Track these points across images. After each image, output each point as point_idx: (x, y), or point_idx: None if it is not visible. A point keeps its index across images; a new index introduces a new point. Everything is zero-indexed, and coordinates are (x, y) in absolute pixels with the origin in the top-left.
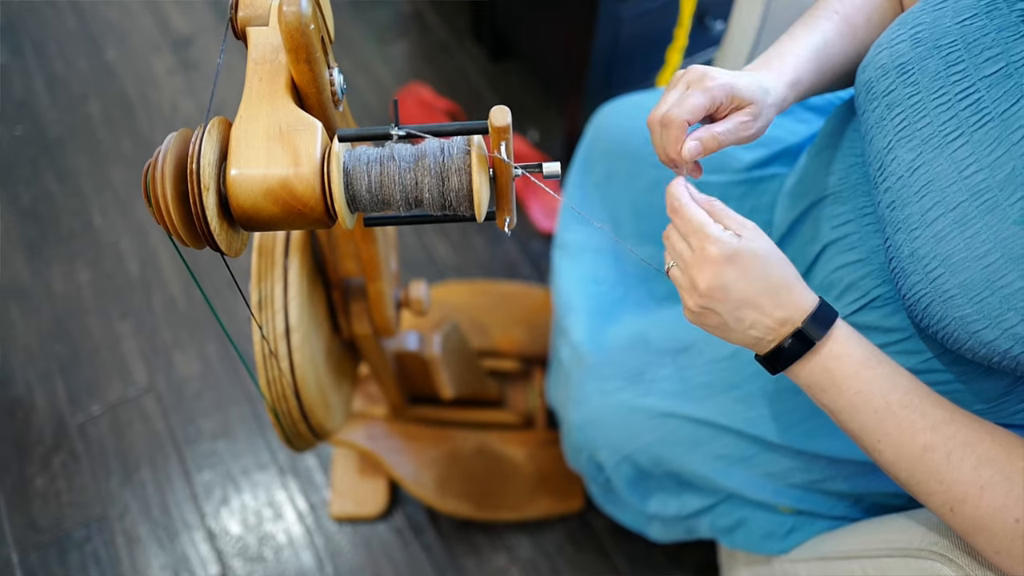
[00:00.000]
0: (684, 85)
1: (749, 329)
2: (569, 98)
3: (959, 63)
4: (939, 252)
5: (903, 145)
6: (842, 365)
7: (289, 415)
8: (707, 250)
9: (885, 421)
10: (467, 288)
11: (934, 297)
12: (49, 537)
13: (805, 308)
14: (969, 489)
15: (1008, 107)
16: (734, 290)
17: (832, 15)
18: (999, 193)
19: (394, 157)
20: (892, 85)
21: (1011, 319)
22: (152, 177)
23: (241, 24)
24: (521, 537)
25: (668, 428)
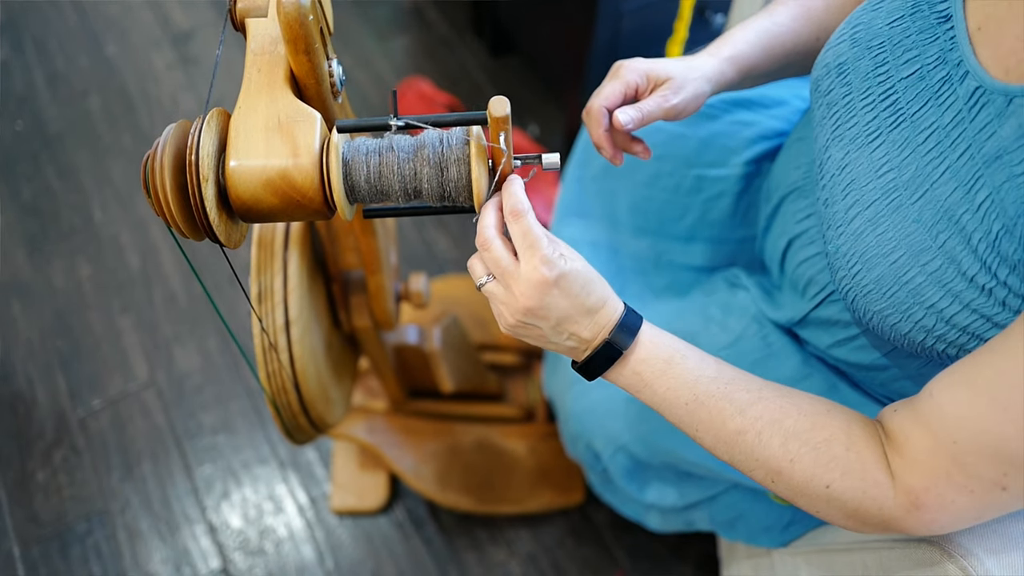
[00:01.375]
0: (609, 78)
1: (566, 340)
2: (569, 92)
3: (884, 64)
4: (857, 249)
5: (836, 144)
6: (650, 367)
7: (289, 408)
8: (538, 270)
9: (697, 412)
10: (467, 282)
11: (857, 292)
12: (51, 531)
13: (614, 318)
14: (782, 463)
15: (918, 108)
16: (556, 309)
17: (788, 0)
18: (904, 192)
19: (393, 148)
20: (832, 85)
21: (918, 312)
22: (151, 169)
23: (240, 15)
24: (521, 531)
25: (661, 420)
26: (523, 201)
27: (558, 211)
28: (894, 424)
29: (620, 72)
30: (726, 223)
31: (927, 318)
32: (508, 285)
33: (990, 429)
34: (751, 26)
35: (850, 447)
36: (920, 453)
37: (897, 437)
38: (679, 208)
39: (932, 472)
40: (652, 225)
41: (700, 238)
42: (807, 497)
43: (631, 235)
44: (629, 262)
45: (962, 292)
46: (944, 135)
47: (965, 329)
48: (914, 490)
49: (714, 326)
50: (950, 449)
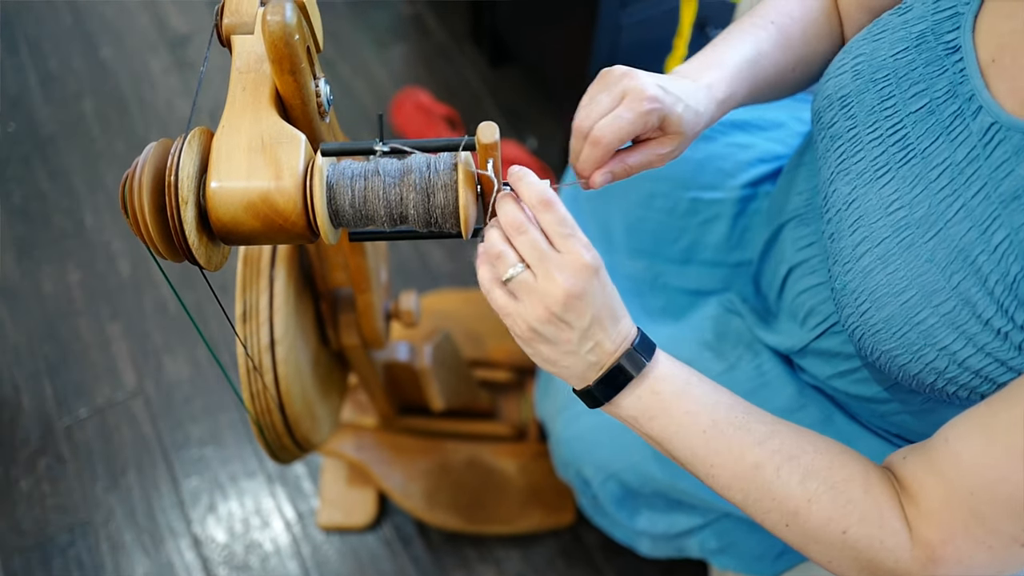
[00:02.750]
0: (618, 95)
1: (588, 353)
2: (568, 105)
3: (891, 98)
4: (866, 287)
5: (841, 178)
6: (670, 385)
7: (273, 428)
8: (583, 255)
9: (715, 440)
10: (461, 296)
11: (864, 331)
12: (32, 541)
13: (633, 332)
14: (799, 503)
15: (929, 144)
16: (593, 304)
17: (768, 25)
18: (916, 231)
19: (379, 172)
20: (835, 117)
21: (929, 354)
22: (129, 188)
23: (226, 32)
24: (511, 550)
25: (649, 450)
26: (548, 189)
27: None
28: (906, 471)
29: (640, 104)
30: (721, 246)
31: (938, 360)
32: (547, 271)
33: (1007, 478)
34: (740, 52)
35: (868, 490)
36: (935, 503)
37: (910, 485)
38: (674, 230)
39: (949, 524)
40: (647, 247)
41: (695, 261)
42: (821, 544)
43: (627, 256)
44: (625, 283)
45: (976, 335)
46: (958, 172)
47: (978, 373)
48: (931, 543)
49: (708, 353)
50: (967, 500)
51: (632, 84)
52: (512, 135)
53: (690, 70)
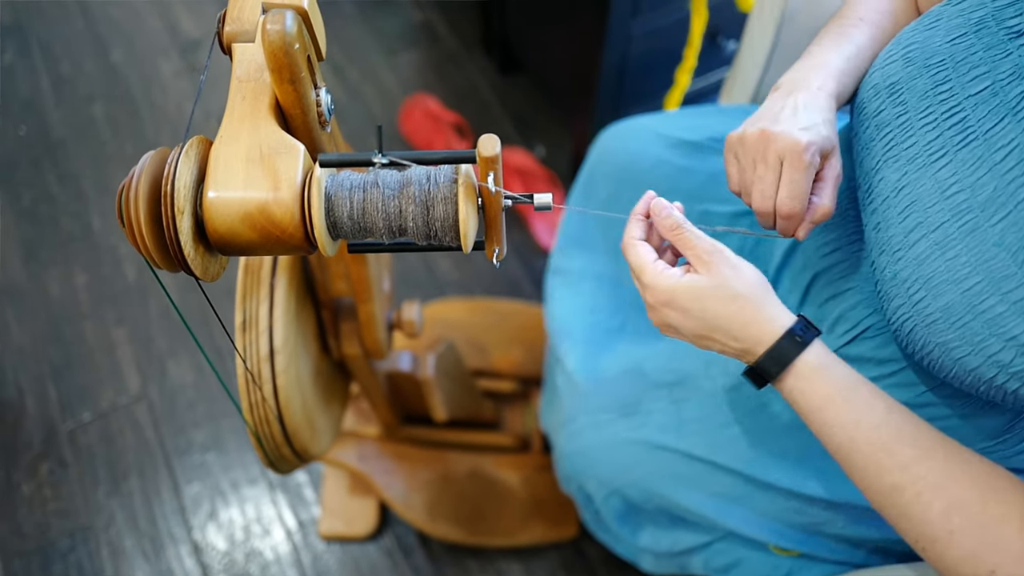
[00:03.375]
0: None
1: (721, 353)
2: (577, 114)
3: (947, 82)
4: (921, 275)
5: (890, 165)
6: (805, 399)
7: (272, 439)
8: (645, 297)
9: (851, 456)
10: (466, 305)
11: (917, 322)
12: (33, 545)
13: (764, 343)
14: (938, 532)
15: (992, 126)
16: (683, 328)
17: (859, 22)
18: (980, 214)
19: (378, 183)
20: (882, 105)
21: (993, 345)
22: (126, 198)
23: (227, 40)
24: (513, 563)
25: (661, 463)
26: (628, 232)
27: (561, 241)
28: None
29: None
30: None
31: (1004, 352)
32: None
33: None
34: (840, 56)
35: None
36: None
37: None
38: None
39: None
40: None
41: None
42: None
43: None
44: (632, 296)
45: None
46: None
47: None
48: None
49: (715, 368)
50: None
51: (782, 145)
52: (521, 143)
53: (798, 78)
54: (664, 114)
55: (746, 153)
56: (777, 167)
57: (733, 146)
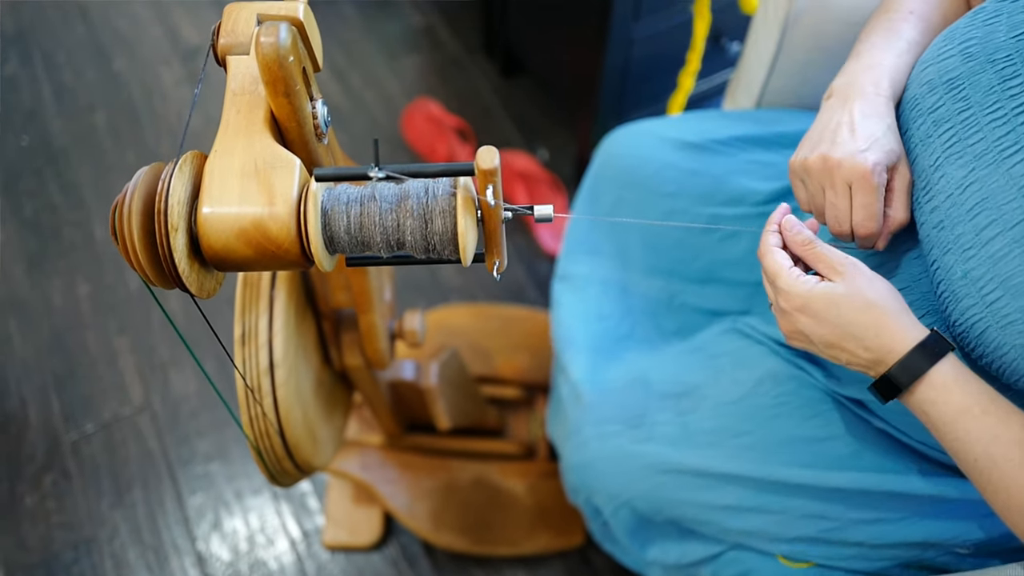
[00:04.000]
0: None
1: (848, 364)
2: (580, 117)
3: (1016, 77)
4: (997, 273)
5: (952, 162)
6: (938, 411)
7: (273, 453)
8: (779, 302)
9: (988, 471)
10: (470, 311)
11: (991, 323)
12: (37, 558)
13: (897, 351)
14: None
15: None
16: (814, 335)
17: (908, 16)
18: None
19: (375, 197)
20: (940, 101)
21: None
22: (119, 215)
23: (222, 52)
24: (518, 571)
25: (669, 476)
26: (764, 242)
27: (567, 246)
28: None
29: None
30: (743, 265)
31: None
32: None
33: None
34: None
35: None
36: None
37: None
38: (693, 248)
39: None
40: (665, 265)
41: (715, 280)
42: None
43: (643, 275)
44: (640, 303)
45: None
46: None
47: None
48: None
49: (725, 379)
50: None
51: (848, 172)
52: (524, 147)
53: (851, 82)
54: (668, 118)
55: (812, 180)
56: (846, 193)
57: (798, 172)
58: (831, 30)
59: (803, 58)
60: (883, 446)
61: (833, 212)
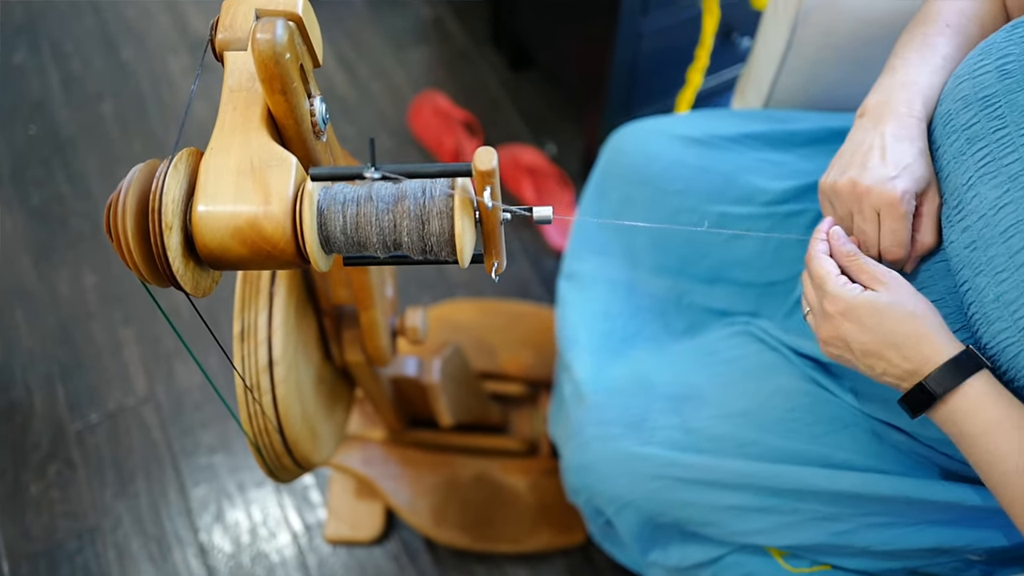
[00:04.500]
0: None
1: (882, 375)
2: (588, 111)
3: None
4: None
5: (986, 182)
6: (970, 423)
7: (272, 449)
8: (824, 305)
9: (1016, 487)
10: (475, 307)
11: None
12: (41, 547)
13: (934, 362)
14: None
15: None
16: (855, 342)
17: (945, 29)
18: None
19: (372, 197)
20: (974, 118)
21: None
22: (113, 213)
23: (219, 48)
24: (520, 568)
25: (673, 478)
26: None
27: (574, 245)
28: None
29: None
30: (752, 265)
31: None
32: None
33: None
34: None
35: None
36: None
37: None
38: (701, 247)
39: None
40: (673, 264)
41: (724, 280)
42: None
43: (651, 274)
44: (647, 301)
45: None
46: None
47: None
48: None
49: (734, 388)
50: None
51: (876, 200)
52: (531, 141)
53: (884, 100)
54: (676, 116)
55: (841, 204)
56: (875, 219)
57: (827, 194)
58: (841, 28)
59: (813, 55)
60: (902, 463)
61: (863, 237)
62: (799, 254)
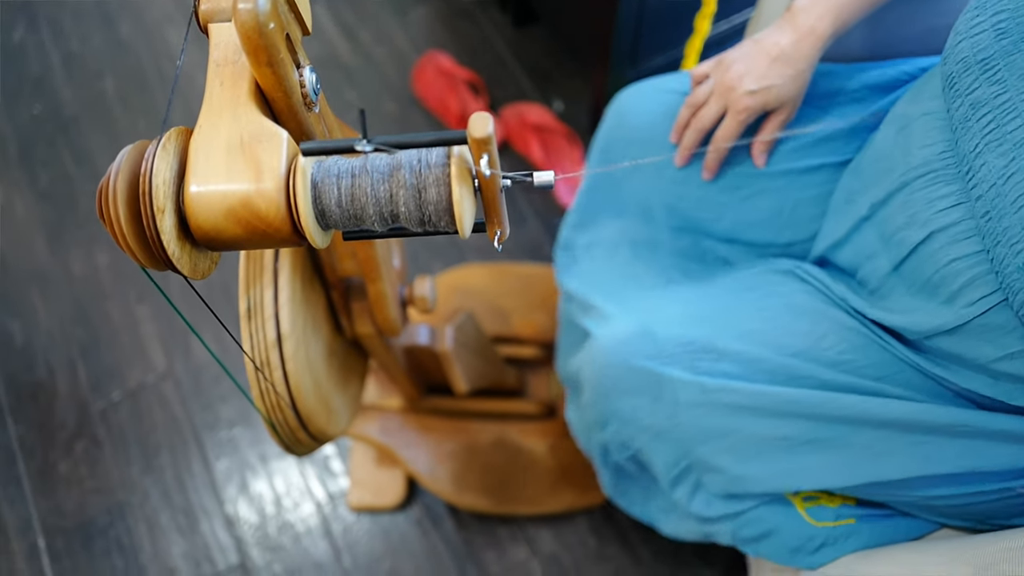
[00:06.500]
0: (723, 104)
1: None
2: (595, 66)
3: None
4: None
5: (992, 149)
6: None
7: (286, 424)
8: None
9: None
10: (487, 271)
11: None
12: (73, 523)
13: None
14: None
15: None
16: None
17: None
18: None
19: (367, 168)
20: (975, 83)
21: None
22: (104, 198)
23: (204, 19)
24: (542, 529)
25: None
26: None
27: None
28: None
29: (735, 116)
30: (770, 225)
31: None
32: None
33: None
34: None
35: None
36: None
37: None
38: (715, 207)
39: None
40: (690, 225)
41: (741, 241)
42: None
43: (669, 235)
44: (671, 259)
45: None
46: None
47: None
48: None
49: (782, 324)
50: None
51: (730, 99)
52: (538, 98)
53: (801, 9)
54: (680, 74)
55: (716, 82)
56: (722, 108)
57: (715, 68)
58: None
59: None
60: (958, 402)
61: (706, 112)
62: (818, 212)
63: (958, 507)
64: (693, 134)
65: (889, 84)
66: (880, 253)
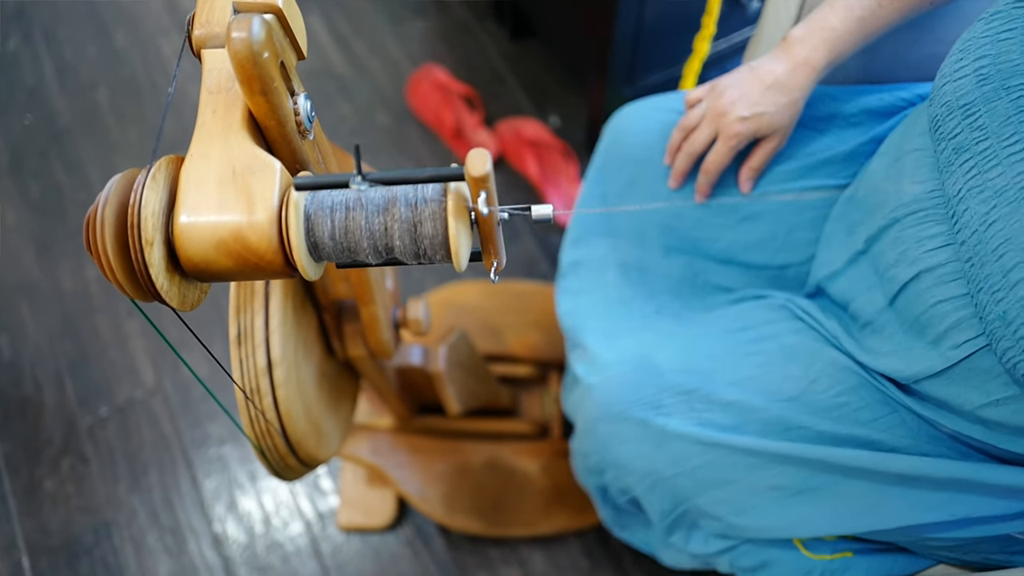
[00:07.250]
0: (714, 129)
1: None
2: (592, 81)
3: None
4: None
5: (974, 196)
6: None
7: (276, 451)
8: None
9: None
10: (481, 288)
11: None
12: (59, 541)
13: None
14: None
15: None
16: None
17: None
18: None
19: (361, 201)
20: (958, 127)
21: None
22: (92, 228)
23: (197, 45)
24: (535, 551)
25: (714, 457)
26: None
27: (579, 229)
28: None
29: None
30: (765, 247)
31: None
32: None
33: None
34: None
35: None
36: None
37: None
38: (711, 228)
39: None
40: (685, 246)
41: (736, 263)
42: None
43: (662, 254)
44: (662, 283)
45: None
46: None
47: None
48: None
49: (776, 372)
50: None
51: (722, 124)
52: (534, 113)
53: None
54: (678, 93)
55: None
56: (713, 133)
57: (709, 93)
58: None
59: None
60: (954, 448)
61: (697, 136)
62: (813, 235)
63: (955, 548)
64: (684, 158)
65: (887, 110)
66: (876, 287)
